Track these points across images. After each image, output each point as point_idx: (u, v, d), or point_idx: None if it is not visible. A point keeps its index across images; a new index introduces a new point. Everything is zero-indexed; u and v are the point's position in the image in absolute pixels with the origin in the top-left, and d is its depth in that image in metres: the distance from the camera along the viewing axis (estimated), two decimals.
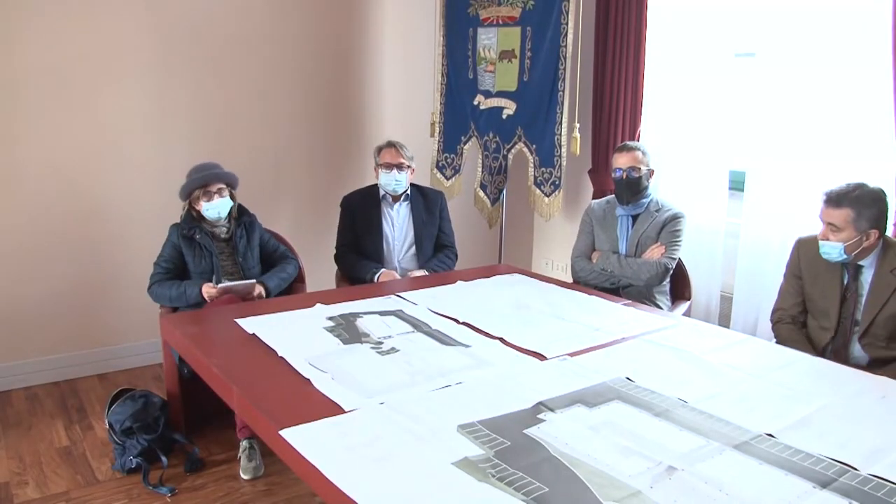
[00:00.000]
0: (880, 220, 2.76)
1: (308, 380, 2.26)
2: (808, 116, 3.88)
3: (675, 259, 3.55)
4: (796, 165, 3.90)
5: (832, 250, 2.79)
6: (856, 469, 1.79)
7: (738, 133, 4.22)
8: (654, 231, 3.59)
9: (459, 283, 3.41)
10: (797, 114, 3.92)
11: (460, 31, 4.77)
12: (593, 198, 4.48)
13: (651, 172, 3.67)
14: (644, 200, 3.65)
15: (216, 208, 3.43)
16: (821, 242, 2.83)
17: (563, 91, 4.27)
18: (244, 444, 3.17)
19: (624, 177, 3.59)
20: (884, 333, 2.80)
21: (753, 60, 4.15)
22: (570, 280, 3.84)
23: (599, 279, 3.63)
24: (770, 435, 1.96)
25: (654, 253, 3.54)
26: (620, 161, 3.63)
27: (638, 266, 3.52)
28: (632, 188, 3.61)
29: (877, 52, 3.57)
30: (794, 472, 1.77)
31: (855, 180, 2.82)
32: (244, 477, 3.10)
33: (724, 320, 4.18)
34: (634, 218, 3.68)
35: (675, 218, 3.60)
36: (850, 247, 2.76)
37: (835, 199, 2.78)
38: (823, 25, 3.80)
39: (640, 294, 3.53)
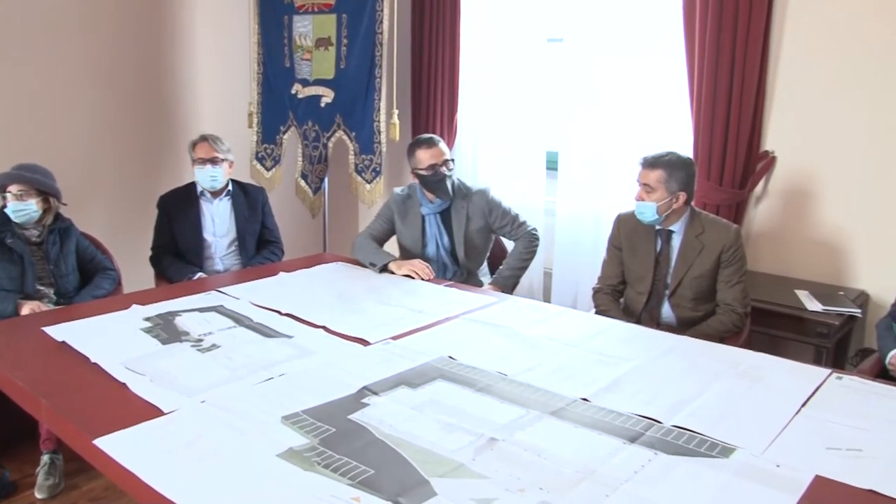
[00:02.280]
0: (688, 184, 2.97)
1: (124, 384, 2.14)
2: (612, 99, 4.11)
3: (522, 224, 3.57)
4: (604, 145, 4.12)
5: (646, 209, 2.97)
6: (660, 422, 1.92)
7: (552, 115, 4.40)
8: (481, 220, 3.53)
9: (282, 274, 3.35)
10: (603, 96, 4.14)
11: (275, 19, 4.66)
12: None
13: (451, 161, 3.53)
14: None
15: (14, 212, 3.19)
16: (637, 204, 3.01)
17: (381, 78, 4.28)
18: (44, 458, 2.97)
19: (441, 172, 3.44)
20: (690, 294, 3.02)
21: (563, 45, 4.33)
22: None
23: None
24: (585, 399, 2.05)
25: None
26: (430, 156, 3.43)
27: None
28: (447, 181, 3.47)
29: (672, 37, 3.84)
30: (606, 431, 1.87)
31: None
32: (38, 496, 2.90)
33: (547, 295, 4.35)
34: (443, 214, 3.56)
35: (487, 197, 3.55)
36: (662, 207, 2.95)
37: (650, 162, 2.98)
38: (625, 11, 4.02)
39: (467, 276, 3.60)
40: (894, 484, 1.68)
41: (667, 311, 3.08)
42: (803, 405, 2.07)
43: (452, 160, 3.54)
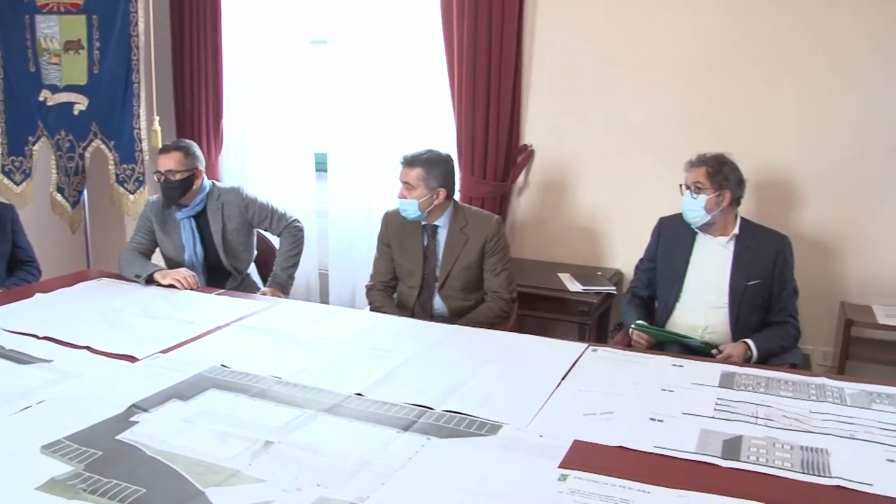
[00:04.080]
0: (448, 180, 3.08)
1: None
2: (377, 99, 4.20)
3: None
4: (371, 144, 4.21)
5: (409, 207, 3.06)
6: (432, 409, 2.01)
7: (319, 117, 4.42)
8: (239, 218, 3.47)
9: (38, 295, 3.12)
10: (368, 96, 4.22)
11: (14, 19, 4.29)
12: None
13: (199, 172, 3.40)
14: (201, 196, 3.43)
15: None
16: (399, 202, 3.09)
17: (139, 83, 4.12)
18: None
19: (162, 180, 3.34)
20: (458, 285, 3.15)
21: (327, 47, 4.36)
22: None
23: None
24: (359, 394, 2.11)
25: None
26: (159, 163, 3.34)
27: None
28: (175, 191, 3.35)
29: (432, 39, 3.99)
30: (380, 422, 1.93)
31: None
32: None
33: (325, 296, 4.38)
34: (199, 218, 3.46)
35: (242, 194, 3.48)
36: (424, 203, 3.05)
37: (409, 161, 3.07)
38: (386, 14, 4.12)
39: (242, 283, 3.54)
40: (640, 438, 1.88)
41: (438, 302, 3.20)
42: (563, 378, 2.25)
43: (183, 171, 3.34)
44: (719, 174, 2.88)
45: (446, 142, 3.87)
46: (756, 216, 3.25)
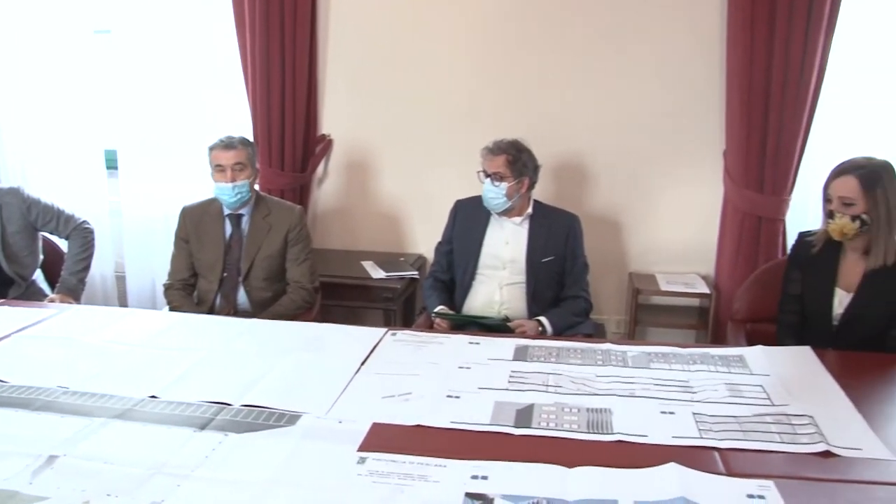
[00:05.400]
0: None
1: None
2: (168, 91, 4.04)
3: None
4: (165, 138, 4.05)
5: (227, 191, 3.05)
6: (230, 404, 1.99)
7: (106, 111, 4.18)
8: (21, 221, 3.26)
9: None
10: (158, 88, 4.04)
11: None
12: None
13: None
14: None
15: None
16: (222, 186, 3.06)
17: None
18: None
19: None
20: (262, 275, 3.13)
21: (111, 37, 4.13)
22: None
23: None
24: (153, 397, 2.04)
25: None
26: None
27: None
28: None
29: (225, 29, 3.88)
30: (175, 423, 1.88)
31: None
32: None
33: (123, 299, 4.18)
34: None
35: (23, 195, 3.30)
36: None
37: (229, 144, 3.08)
38: (171, 2, 3.95)
39: (27, 290, 3.31)
40: (437, 416, 1.95)
41: (242, 296, 3.14)
42: (363, 364, 2.28)
43: None
44: (518, 162, 3.02)
45: (243, 134, 3.78)
46: (553, 198, 3.44)
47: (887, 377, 2.36)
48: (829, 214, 2.53)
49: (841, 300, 2.61)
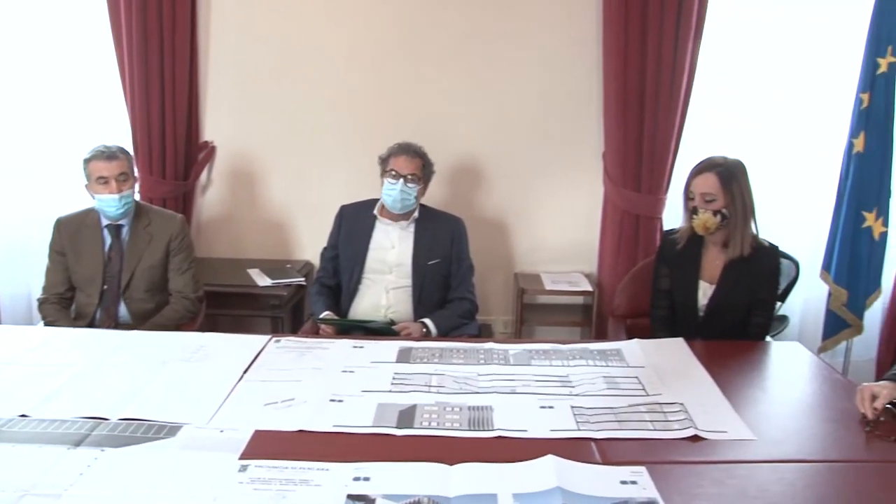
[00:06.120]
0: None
1: None
2: (37, 98, 3.88)
3: None
4: (34, 147, 3.90)
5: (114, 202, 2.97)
6: (107, 419, 1.94)
7: None
8: None
9: None
10: (30, 96, 3.88)
11: None
12: None
13: None
14: None
15: None
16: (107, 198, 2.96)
17: None
18: None
19: None
20: (143, 286, 3.05)
21: None
22: None
23: None
24: (23, 415, 1.96)
25: None
26: None
27: None
28: None
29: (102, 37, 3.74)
30: (48, 441, 1.83)
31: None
32: None
33: None
34: None
35: None
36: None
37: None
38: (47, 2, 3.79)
39: None
40: (320, 420, 1.97)
41: (122, 309, 3.05)
42: (245, 372, 2.28)
43: None
44: (428, 167, 3.14)
45: (121, 141, 3.67)
46: (440, 201, 3.50)
47: (750, 362, 2.54)
48: (692, 211, 2.68)
49: (705, 292, 2.78)
